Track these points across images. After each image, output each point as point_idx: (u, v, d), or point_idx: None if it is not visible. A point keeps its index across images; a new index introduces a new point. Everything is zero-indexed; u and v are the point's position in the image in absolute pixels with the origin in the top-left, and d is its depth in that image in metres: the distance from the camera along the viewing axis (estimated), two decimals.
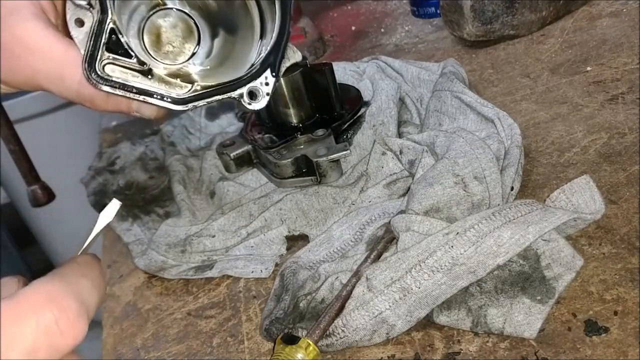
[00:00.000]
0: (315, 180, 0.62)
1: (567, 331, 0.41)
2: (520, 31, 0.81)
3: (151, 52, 0.47)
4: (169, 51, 0.48)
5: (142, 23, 0.47)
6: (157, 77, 0.45)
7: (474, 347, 0.43)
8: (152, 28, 0.47)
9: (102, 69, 0.43)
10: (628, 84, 0.63)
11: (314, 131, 0.63)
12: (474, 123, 0.61)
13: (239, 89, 0.46)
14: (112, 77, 0.43)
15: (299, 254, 0.55)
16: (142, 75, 0.44)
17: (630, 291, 0.42)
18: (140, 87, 0.44)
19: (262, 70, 0.46)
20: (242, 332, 0.52)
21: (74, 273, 0.28)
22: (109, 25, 0.43)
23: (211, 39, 0.49)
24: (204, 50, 0.49)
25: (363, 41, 1.04)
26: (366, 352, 0.45)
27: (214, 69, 0.49)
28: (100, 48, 0.43)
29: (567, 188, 0.48)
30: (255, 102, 0.46)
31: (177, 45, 0.48)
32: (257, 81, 0.46)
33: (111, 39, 0.43)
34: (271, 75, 0.46)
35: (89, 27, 0.43)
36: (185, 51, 0.48)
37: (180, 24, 0.48)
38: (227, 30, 0.50)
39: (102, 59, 0.43)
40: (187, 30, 0.48)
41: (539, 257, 0.44)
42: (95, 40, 0.42)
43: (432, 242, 0.44)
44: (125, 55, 0.43)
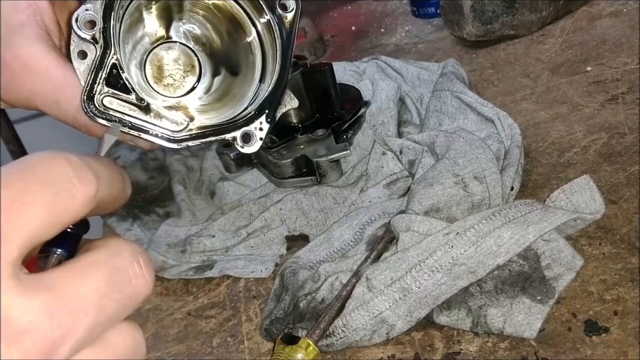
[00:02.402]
0: (315, 180, 0.62)
1: (567, 331, 0.41)
2: (520, 31, 0.81)
3: (151, 83, 0.47)
4: (169, 84, 0.48)
5: (146, 54, 0.47)
6: (154, 113, 0.45)
7: (474, 347, 0.43)
8: (155, 60, 0.48)
9: (100, 102, 0.43)
10: (628, 84, 0.63)
11: (314, 131, 0.63)
12: (474, 123, 0.61)
13: (233, 131, 0.46)
14: (109, 109, 0.43)
15: (299, 254, 0.55)
16: (140, 109, 0.44)
17: (630, 291, 0.42)
18: (136, 124, 0.44)
19: (258, 115, 0.46)
20: (242, 332, 0.52)
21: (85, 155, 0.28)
22: (110, 60, 0.43)
23: (212, 76, 0.50)
24: (203, 86, 0.49)
25: (363, 41, 1.03)
26: (366, 352, 0.45)
27: (212, 104, 0.49)
28: (101, 82, 0.43)
29: (567, 188, 0.48)
30: (248, 146, 0.46)
31: (178, 79, 0.48)
32: (252, 125, 0.46)
33: (112, 73, 0.43)
34: (266, 121, 0.46)
35: (91, 60, 0.43)
36: (185, 85, 0.48)
37: (183, 58, 0.48)
38: (228, 69, 0.50)
39: (102, 93, 0.43)
40: (189, 64, 0.49)
41: (539, 257, 0.44)
42: (96, 74, 0.43)
43: (432, 242, 0.44)
44: (124, 91, 0.44)
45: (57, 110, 0.45)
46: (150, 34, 0.48)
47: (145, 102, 0.44)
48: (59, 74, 0.44)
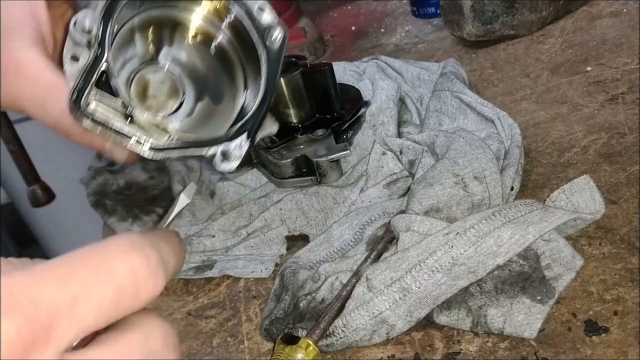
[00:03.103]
0: (315, 180, 0.62)
1: (567, 331, 0.41)
2: (520, 31, 0.81)
3: (135, 102, 0.48)
4: (152, 104, 0.49)
5: (132, 74, 0.49)
6: (137, 123, 0.46)
7: (474, 347, 0.43)
8: (141, 80, 0.49)
9: (86, 104, 0.44)
10: (628, 84, 0.63)
11: (314, 131, 0.63)
12: (474, 123, 0.61)
13: (214, 146, 0.47)
14: (94, 114, 0.44)
15: (299, 254, 0.55)
16: (124, 118, 0.45)
17: (630, 291, 0.42)
18: (119, 130, 0.45)
19: (239, 134, 0.47)
20: (242, 332, 0.52)
21: (155, 235, 0.29)
22: (102, 64, 0.44)
23: (195, 101, 0.51)
24: (185, 110, 0.50)
25: (363, 41, 1.04)
26: (366, 352, 0.45)
27: (192, 128, 0.50)
28: (90, 84, 0.44)
29: (567, 188, 0.48)
30: (226, 163, 0.47)
31: (161, 100, 0.49)
32: (232, 143, 0.47)
33: (101, 79, 0.44)
34: (246, 140, 0.47)
35: (84, 63, 0.44)
36: (168, 107, 0.49)
37: (168, 81, 0.50)
38: (211, 96, 0.52)
39: (89, 95, 0.44)
40: (173, 88, 0.50)
41: (539, 257, 0.44)
42: (86, 77, 0.44)
43: (432, 242, 0.44)
44: (111, 94, 0.45)
45: (41, 113, 0.46)
46: (139, 55, 0.50)
47: (130, 110, 0.45)
48: (48, 78, 0.45)
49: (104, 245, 0.26)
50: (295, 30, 1.01)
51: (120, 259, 0.25)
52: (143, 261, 0.26)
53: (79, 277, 0.24)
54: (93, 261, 0.25)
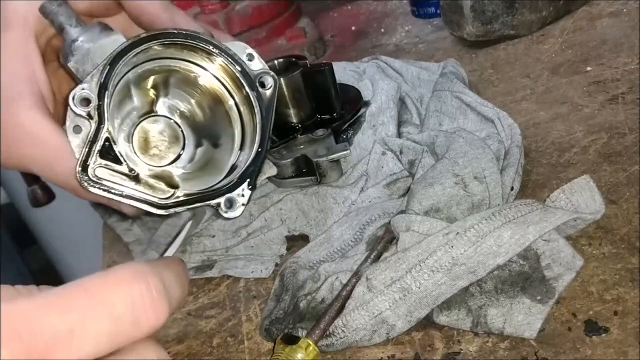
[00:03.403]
0: (315, 180, 0.62)
1: (567, 331, 0.41)
2: (520, 31, 0.81)
3: (138, 154, 0.50)
4: (155, 154, 0.51)
5: (133, 127, 0.51)
6: (143, 182, 0.48)
7: (474, 347, 0.43)
8: (142, 132, 0.51)
9: (93, 173, 0.46)
10: (628, 84, 0.63)
11: (314, 131, 0.63)
12: (474, 123, 0.61)
13: (218, 198, 0.49)
14: (101, 180, 0.46)
15: (299, 254, 0.55)
16: (129, 179, 0.47)
17: (630, 291, 0.42)
18: (126, 193, 0.47)
19: (240, 182, 0.50)
20: (242, 332, 0.52)
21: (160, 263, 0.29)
22: (104, 134, 0.46)
23: (195, 147, 0.53)
24: (187, 156, 0.53)
25: (363, 41, 1.04)
26: (366, 352, 0.45)
27: (195, 172, 0.53)
28: (94, 154, 0.46)
29: (567, 188, 0.48)
30: (231, 211, 0.49)
31: (163, 150, 0.52)
32: (235, 192, 0.49)
33: (104, 146, 0.46)
34: (247, 187, 0.50)
35: (86, 134, 0.46)
36: (170, 155, 0.52)
37: (168, 130, 0.52)
38: (210, 141, 0.54)
39: (95, 164, 0.46)
40: (173, 136, 0.52)
41: (539, 257, 0.44)
42: (90, 147, 0.46)
43: (432, 242, 0.44)
44: (116, 162, 0.47)
45: (50, 174, 0.49)
46: (138, 108, 0.52)
47: (135, 172, 0.47)
48: (54, 140, 0.48)
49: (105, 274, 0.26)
50: (295, 30, 1.01)
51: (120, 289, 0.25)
52: (145, 291, 0.26)
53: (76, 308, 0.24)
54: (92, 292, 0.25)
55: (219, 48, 0.51)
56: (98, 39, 0.48)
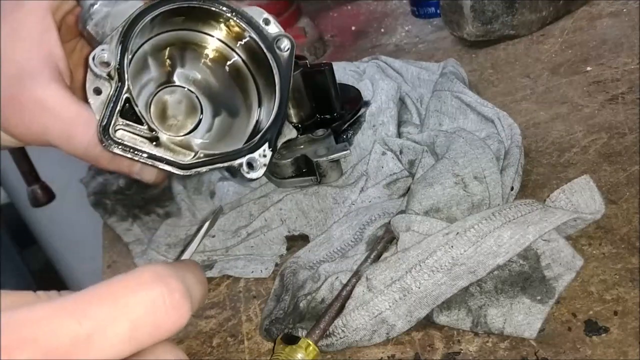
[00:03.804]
0: (315, 180, 0.62)
1: (567, 331, 0.41)
2: (520, 31, 0.81)
3: (157, 124, 0.50)
4: (173, 124, 0.52)
5: (150, 97, 0.51)
6: (163, 145, 0.48)
7: (474, 347, 0.43)
8: (159, 103, 0.51)
9: (114, 133, 0.46)
10: (628, 84, 0.63)
11: (314, 131, 0.63)
12: (474, 123, 0.61)
13: (239, 158, 0.49)
14: (123, 141, 0.46)
15: (299, 254, 0.55)
16: (149, 141, 0.47)
17: (630, 291, 0.42)
18: (149, 152, 0.47)
19: (261, 143, 0.50)
20: (242, 332, 0.52)
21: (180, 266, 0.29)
22: (124, 94, 0.46)
23: (212, 117, 0.53)
24: (205, 126, 0.53)
25: (363, 41, 1.03)
26: (366, 352, 0.45)
27: (213, 142, 0.53)
28: (115, 115, 0.46)
29: (567, 188, 0.48)
30: (253, 172, 0.50)
31: (181, 120, 0.52)
32: (256, 153, 0.50)
33: (125, 107, 0.46)
34: (268, 148, 0.50)
35: (106, 95, 0.46)
36: (188, 125, 0.52)
37: (185, 100, 0.52)
38: (228, 111, 0.54)
39: (116, 125, 0.46)
40: (190, 106, 0.52)
41: (539, 257, 0.44)
42: (111, 108, 0.46)
43: (432, 242, 0.44)
44: (137, 122, 0.47)
45: (69, 145, 0.49)
46: (155, 78, 0.52)
47: (155, 133, 0.47)
48: (72, 111, 0.48)
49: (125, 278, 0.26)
50: (295, 30, 1.01)
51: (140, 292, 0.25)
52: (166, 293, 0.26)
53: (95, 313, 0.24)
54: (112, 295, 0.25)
55: (236, 11, 0.51)
56: (116, 3, 0.48)
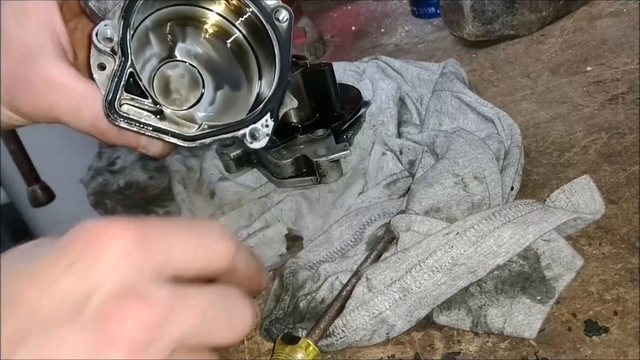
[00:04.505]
0: (315, 180, 0.62)
1: (567, 331, 0.41)
2: (520, 31, 0.81)
3: (160, 99, 0.51)
4: (176, 98, 0.53)
5: (153, 72, 0.52)
6: (167, 118, 0.49)
7: (474, 347, 0.43)
8: (162, 77, 0.52)
9: (119, 108, 0.47)
10: (628, 84, 0.63)
11: (314, 131, 0.63)
12: (474, 123, 0.61)
13: (242, 129, 0.51)
14: (128, 115, 0.48)
15: (299, 254, 0.55)
16: (154, 115, 0.48)
17: (630, 291, 0.42)
18: (154, 125, 0.48)
19: (263, 114, 0.51)
20: None
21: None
22: (128, 69, 0.47)
23: (215, 90, 0.54)
24: (207, 99, 0.54)
25: (363, 41, 1.04)
26: (366, 352, 0.45)
27: (216, 115, 0.54)
28: (120, 89, 0.47)
29: (567, 188, 0.48)
30: (256, 142, 0.51)
31: (184, 94, 0.53)
32: (259, 123, 0.51)
33: (129, 82, 0.47)
34: (270, 118, 0.51)
35: (111, 70, 0.47)
36: (191, 99, 0.53)
37: (187, 74, 0.53)
38: (230, 84, 0.55)
39: (121, 99, 0.47)
40: (192, 80, 0.53)
41: (539, 257, 0.44)
42: (115, 82, 0.47)
43: (432, 242, 0.44)
44: (142, 96, 0.48)
45: (77, 119, 0.50)
46: (157, 54, 0.53)
47: (160, 107, 0.48)
48: (79, 87, 0.49)
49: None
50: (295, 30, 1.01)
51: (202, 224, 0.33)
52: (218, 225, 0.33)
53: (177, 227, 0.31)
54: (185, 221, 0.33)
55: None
56: None
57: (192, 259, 0.30)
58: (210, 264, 0.31)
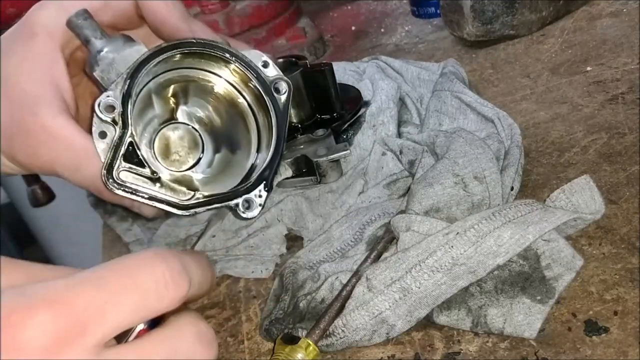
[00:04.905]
0: (315, 180, 0.62)
1: (567, 331, 0.41)
2: (520, 31, 0.81)
3: (159, 159, 0.53)
4: (176, 159, 0.54)
5: (154, 134, 0.53)
6: (164, 185, 0.50)
7: (474, 347, 0.43)
8: (163, 139, 0.54)
9: (117, 176, 0.49)
10: (628, 84, 0.63)
11: (314, 131, 0.63)
12: (474, 123, 0.61)
13: (236, 198, 0.51)
14: (126, 182, 0.49)
15: (299, 254, 0.55)
16: (152, 182, 0.50)
17: (630, 291, 0.42)
18: (149, 194, 0.49)
19: (257, 184, 0.52)
20: (242, 332, 0.52)
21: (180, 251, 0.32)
22: (128, 139, 0.49)
23: (213, 153, 0.56)
24: (205, 161, 0.55)
25: (363, 41, 1.04)
26: (366, 352, 0.45)
27: (214, 177, 0.55)
28: (119, 158, 0.48)
29: (567, 188, 0.48)
30: (249, 211, 0.52)
31: (183, 155, 0.54)
32: (252, 193, 0.52)
33: (128, 150, 0.49)
34: (264, 189, 0.52)
35: (111, 139, 0.49)
36: (189, 160, 0.55)
37: (187, 136, 0.55)
38: (228, 146, 0.56)
39: (119, 168, 0.49)
40: (192, 142, 0.55)
41: (539, 257, 0.44)
42: (114, 152, 0.48)
43: (432, 242, 0.44)
44: (140, 165, 0.49)
45: (75, 175, 0.51)
46: (159, 116, 0.54)
47: (156, 175, 0.50)
48: (80, 143, 0.49)
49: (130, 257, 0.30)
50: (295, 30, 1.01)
51: (145, 267, 0.29)
52: (165, 269, 0.29)
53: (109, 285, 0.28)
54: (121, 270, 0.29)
55: (236, 56, 0.53)
56: (122, 49, 0.50)
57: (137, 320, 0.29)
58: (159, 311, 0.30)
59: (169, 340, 0.30)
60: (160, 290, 0.29)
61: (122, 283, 0.28)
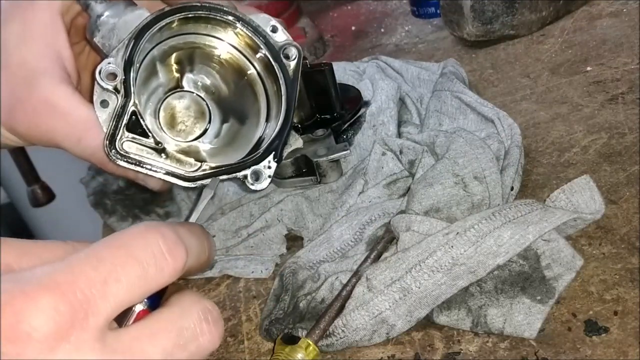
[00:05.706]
0: (315, 180, 0.62)
1: (567, 331, 0.41)
2: (520, 31, 0.81)
3: (165, 130, 0.51)
4: (182, 130, 0.52)
5: (159, 103, 0.51)
6: (169, 155, 0.48)
7: (474, 347, 0.43)
8: (168, 108, 0.52)
9: (121, 146, 0.46)
10: (628, 84, 0.63)
11: (314, 131, 0.63)
12: (474, 123, 0.61)
13: (244, 170, 0.49)
14: (129, 153, 0.47)
15: (299, 254, 0.55)
16: (157, 152, 0.48)
17: (630, 291, 0.42)
18: (154, 165, 0.47)
19: (266, 154, 0.50)
20: (242, 332, 0.52)
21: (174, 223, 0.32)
22: (130, 108, 0.47)
23: (221, 123, 0.53)
24: (213, 131, 0.53)
25: (363, 41, 1.03)
26: (366, 352, 0.45)
27: (221, 148, 0.53)
28: (121, 128, 0.46)
29: (567, 188, 0.48)
30: (258, 183, 0.50)
31: (189, 125, 0.52)
32: (261, 164, 0.50)
33: (131, 120, 0.47)
34: (273, 160, 0.50)
35: (113, 108, 0.47)
36: (196, 131, 0.52)
37: (194, 105, 0.52)
38: (236, 117, 0.54)
39: (122, 138, 0.46)
40: (199, 111, 0.52)
41: (539, 257, 0.44)
42: (117, 121, 0.46)
43: (432, 242, 0.44)
44: (143, 135, 0.47)
45: (77, 147, 0.49)
46: (164, 84, 0.52)
47: (161, 146, 0.48)
48: (82, 114, 0.48)
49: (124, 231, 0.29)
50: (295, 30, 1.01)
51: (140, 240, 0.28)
52: (161, 240, 0.29)
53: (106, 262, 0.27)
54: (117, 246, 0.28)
55: (243, 20, 0.50)
56: (123, 14, 0.48)
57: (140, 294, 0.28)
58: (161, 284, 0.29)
59: (174, 319, 0.29)
60: (159, 262, 0.28)
61: (120, 258, 0.27)
